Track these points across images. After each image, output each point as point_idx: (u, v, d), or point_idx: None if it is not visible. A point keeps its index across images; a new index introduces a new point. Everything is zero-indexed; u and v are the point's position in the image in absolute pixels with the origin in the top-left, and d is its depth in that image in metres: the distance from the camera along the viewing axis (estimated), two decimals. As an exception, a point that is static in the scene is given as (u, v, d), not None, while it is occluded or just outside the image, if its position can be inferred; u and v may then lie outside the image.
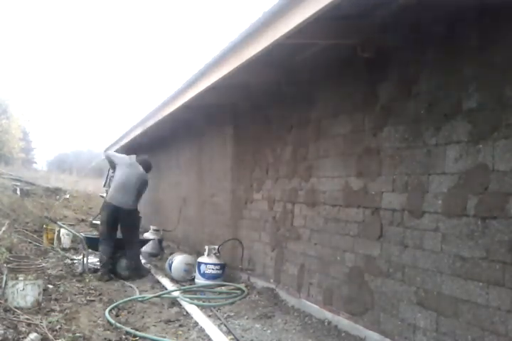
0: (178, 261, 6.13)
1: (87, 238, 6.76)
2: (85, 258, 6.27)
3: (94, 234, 7.98)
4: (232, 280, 5.94)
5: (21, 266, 4.50)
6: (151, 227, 8.86)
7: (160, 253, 8.21)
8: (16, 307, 4.05)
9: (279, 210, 5.25)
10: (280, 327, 4.10)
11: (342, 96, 4.22)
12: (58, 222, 7.81)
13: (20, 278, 4.22)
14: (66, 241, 8.32)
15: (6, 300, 4.20)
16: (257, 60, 3.84)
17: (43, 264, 5.09)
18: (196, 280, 5.85)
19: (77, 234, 7.02)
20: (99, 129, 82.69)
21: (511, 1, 2.55)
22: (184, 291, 5.32)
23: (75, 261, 6.91)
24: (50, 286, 5.17)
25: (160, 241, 8.39)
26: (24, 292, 4.19)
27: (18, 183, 15.66)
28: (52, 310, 4.30)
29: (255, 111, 6.09)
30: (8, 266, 4.52)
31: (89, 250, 6.57)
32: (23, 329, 3.62)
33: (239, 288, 5.40)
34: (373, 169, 3.72)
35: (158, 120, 7.28)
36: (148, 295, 5.06)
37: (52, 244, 8.31)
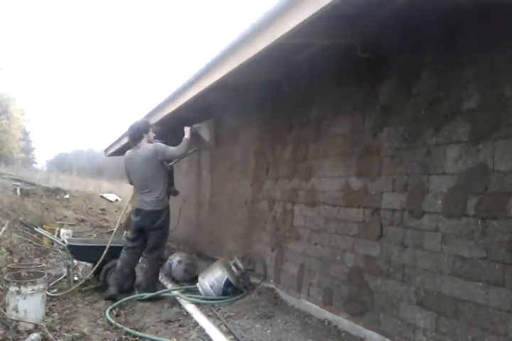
0: (178, 261, 6.12)
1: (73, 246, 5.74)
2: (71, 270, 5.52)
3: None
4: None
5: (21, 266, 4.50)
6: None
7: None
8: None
9: (279, 210, 5.25)
10: (280, 327, 4.10)
11: (342, 96, 4.22)
12: (37, 228, 7.19)
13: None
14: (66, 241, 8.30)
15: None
16: (257, 60, 3.84)
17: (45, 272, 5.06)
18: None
19: (58, 242, 6.35)
20: (99, 129, 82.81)
21: (511, 1, 2.55)
22: (184, 291, 5.31)
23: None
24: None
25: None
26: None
27: (18, 183, 15.66)
28: (52, 310, 4.30)
29: (255, 111, 6.09)
30: (9, 265, 4.52)
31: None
32: (23, 329, 3.62)
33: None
34: (373, 169, 3.72)
35: (158, 120, 7.28)
36: (147, 294, 5.06)
37: (52, 244, 8.30)
